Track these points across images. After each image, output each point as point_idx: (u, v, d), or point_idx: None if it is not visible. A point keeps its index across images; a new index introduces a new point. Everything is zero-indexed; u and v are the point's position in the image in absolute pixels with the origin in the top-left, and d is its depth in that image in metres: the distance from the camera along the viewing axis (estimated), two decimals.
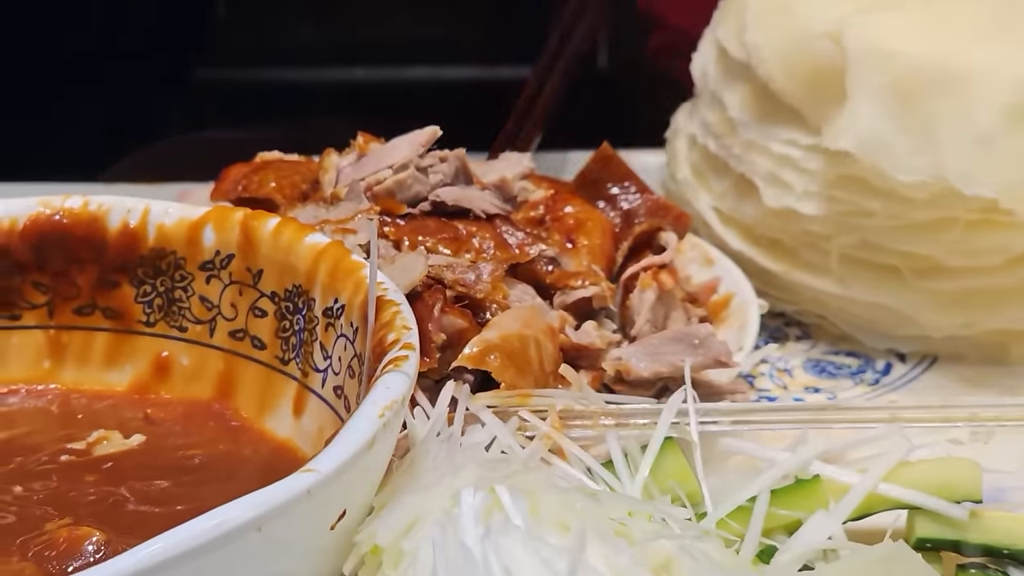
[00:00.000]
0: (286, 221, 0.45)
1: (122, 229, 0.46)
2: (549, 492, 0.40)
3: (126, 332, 0.47)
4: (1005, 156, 0.54)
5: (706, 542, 0.39)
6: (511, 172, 0.56)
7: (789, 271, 0.61)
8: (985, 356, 0.60)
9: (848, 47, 0.55)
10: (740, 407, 0.50)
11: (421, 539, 0.37)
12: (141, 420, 0.47)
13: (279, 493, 0.30)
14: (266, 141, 0.63)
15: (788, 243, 0.62)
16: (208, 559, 0.30)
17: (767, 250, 0.61)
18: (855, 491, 0.42)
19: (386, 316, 0.40)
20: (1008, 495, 0.48)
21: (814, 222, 0.59)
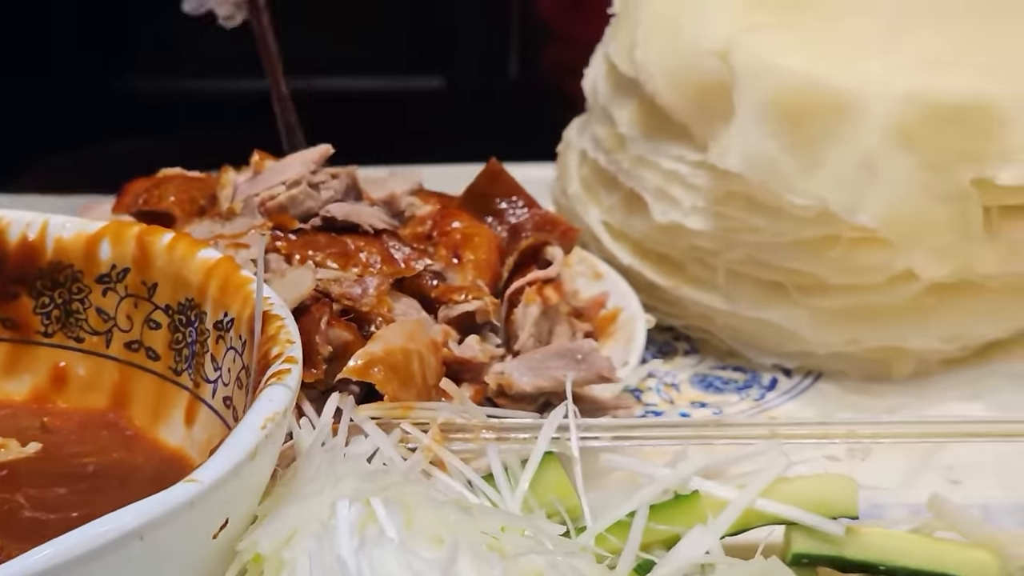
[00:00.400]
0: (180, 236, 0.47)
1: (21, 242, 0.48)
2: (424, 505, 0.40)
3: (24, 343, 0.49)
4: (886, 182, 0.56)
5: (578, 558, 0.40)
6: (400, 188, 0.58)
7: (677, 286, 0.61)
8: (868, 372, 0.61)
9: (735, 65, 0.56)
10: (621, 423, 0.51)
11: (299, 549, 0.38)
12: (38, 428, 0.47)
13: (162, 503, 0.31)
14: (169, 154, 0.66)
15: (676, 258, 0.62)
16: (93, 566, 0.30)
17: (655, 265, 0.62)
18: (733, 506, 0.43)
19: (271, 330, 0.40)
20: (885, 511, 0.50)
21: (701, 237, 0.60)
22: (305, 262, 0.52)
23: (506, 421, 0.48)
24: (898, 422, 0.53)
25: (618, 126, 0.62)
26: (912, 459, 0.56)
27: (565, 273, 0.59)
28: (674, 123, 0.60)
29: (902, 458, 0.55)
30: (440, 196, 0.60)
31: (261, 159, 0.59)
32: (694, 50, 0.58)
